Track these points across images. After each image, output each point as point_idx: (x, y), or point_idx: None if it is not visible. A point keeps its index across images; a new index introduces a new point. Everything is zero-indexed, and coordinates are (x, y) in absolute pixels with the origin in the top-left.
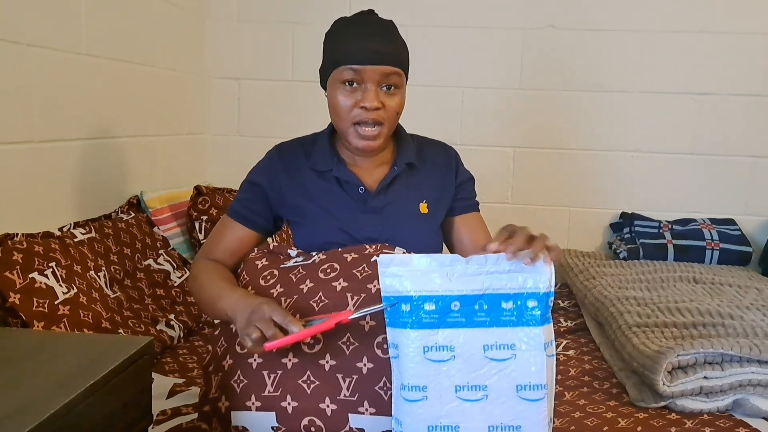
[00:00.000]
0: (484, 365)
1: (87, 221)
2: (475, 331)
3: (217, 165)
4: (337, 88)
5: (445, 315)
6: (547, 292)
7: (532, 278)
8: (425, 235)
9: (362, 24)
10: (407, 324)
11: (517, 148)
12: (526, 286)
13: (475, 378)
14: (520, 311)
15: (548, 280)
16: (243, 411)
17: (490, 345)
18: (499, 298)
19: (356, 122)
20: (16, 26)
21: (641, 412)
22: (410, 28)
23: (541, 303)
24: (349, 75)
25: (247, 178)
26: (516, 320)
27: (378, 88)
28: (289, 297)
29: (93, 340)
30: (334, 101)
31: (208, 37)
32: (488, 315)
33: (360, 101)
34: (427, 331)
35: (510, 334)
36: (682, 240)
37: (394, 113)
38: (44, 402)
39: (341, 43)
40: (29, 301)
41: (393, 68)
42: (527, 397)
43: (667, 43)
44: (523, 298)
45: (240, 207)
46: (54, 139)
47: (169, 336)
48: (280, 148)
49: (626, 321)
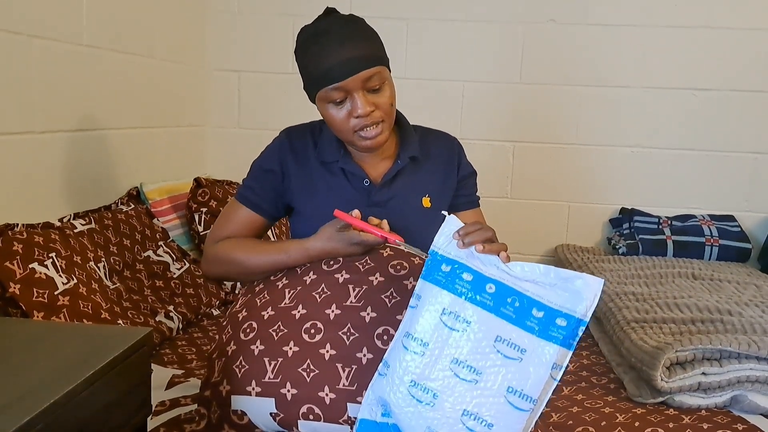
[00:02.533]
0: (489, 353)
1: (87, 212)
2: (497, 319)
3: (217, 157)
4: (327, 106)
5: (477, 291)
6: (581, 320)
7: (572, 300)
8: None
9: (326, 34)
10: (440, 282)
11: (517, 142)
12: (563, 305)
13: (475, 360)
14: (546, 324)
15: (586, 308)
16: (243, 396)
17: (503, 338)
18: (533, 303)
19: (356, 130)
20: (19, 17)
21: (639, 407)
22: (411, 22)
23: (570, 326)
24: (335, 95)
25: (257, 162)
26: (538, 330)
27: (364, 92)
28: (293, 288)
29: (92, 331)
30: (328, 118)
31: (209, 29)
32: (515, 312)
33: (352, 112)
34: (455, 296)
35: (526, 338)
36: (681, 236)
37: (389, 107)
38: (44, 392)
39: (314, 62)
40: (29, 292)
41: (371, 70)
42: (513, 402)
43: (668, 38)
44: (555, 314)
45: (249, 192)
46: (54, 129)
47: (168, 327)
48: (290, 133)
49: (625, 316)
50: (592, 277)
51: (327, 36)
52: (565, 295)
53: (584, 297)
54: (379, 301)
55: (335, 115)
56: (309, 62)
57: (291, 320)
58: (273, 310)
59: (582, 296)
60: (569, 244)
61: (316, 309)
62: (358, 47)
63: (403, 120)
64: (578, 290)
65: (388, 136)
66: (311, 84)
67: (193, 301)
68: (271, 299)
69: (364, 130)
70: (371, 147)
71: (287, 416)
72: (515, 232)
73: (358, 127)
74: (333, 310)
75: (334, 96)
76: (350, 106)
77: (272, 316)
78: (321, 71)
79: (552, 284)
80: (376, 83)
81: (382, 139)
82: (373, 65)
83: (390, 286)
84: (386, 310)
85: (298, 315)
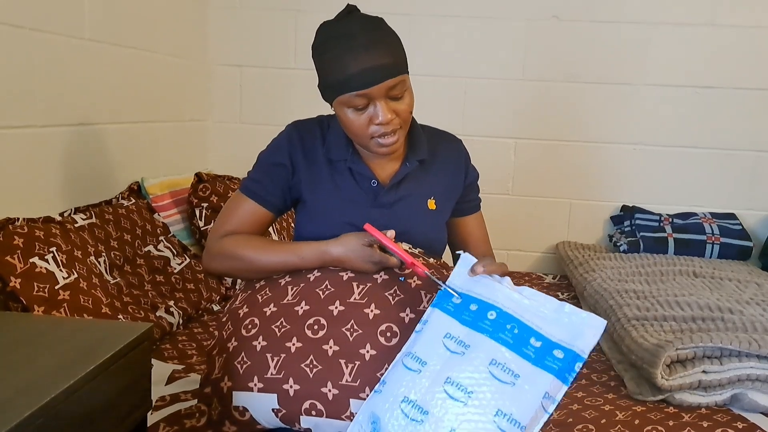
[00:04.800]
0: (483, 375)
1: (87, 207)
2: (494, 343)
3: (219, 152)
4: (347, 111)
5: (479, 319)
6: (579, 355)
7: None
8: (432, 230)
9: (351, 35)
10: (448, 311)
11: (519, 139)
12: (562, 339)
13: (468, 381)
14: (543, 353)
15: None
16: (245, 392)
17: (498, 362)
18: (532, 333)
19: (374, 137)
20: (20, 10)
21: (639, 405)
22: (414, 18)
23: (567, 359)
24: (358, 101)
25: (264, 155)
26: (534, 358)
27: (387, 100)
28: (296, 285)
29: (93, 326)
30: (347, 122)
31: (211, 23)
32: (513, 338)
33: (373, 119)
34: (460, 324)
35: (521, 364)
36: (682, 234)
37: (408, 114)
38: (44, 386)
39: (338, 66)
40: (30, 286)
41: (396, 79)
42: (501, 426)
43: (671, 35)
44: (553, 345)
45: (256, 185)
46: (55, 123)
47: (168, 322)
48: (298, 127)
49: (625, 314)
50: (595, 317)
51: (352, 39)
52: (565, 329)
53: (584, 334)
54: (383, 298)
55: (354, 120)
56: (331, 64)
57: (294, 316)
58: (275, 306)
59: (582, 333)
60: (570, 242)
61: (319, 305)
62: (384, 55)
63: (412, 122)
64: (579, 327)
65: (403, 143)
66: (332, 87)
67: (194, 297)
68: (273, 295)
69: (382, 137)
70: (386, 153)
71: (289, 412)
72: (517, 229)
73: (377, 134)
74: (337, 307)
75: (357, 102)
76: (371, 112)
77: (275, 312)
78: (345, 76)
79: (554, 318)
80: (398, 92)
81: (398, 146)
82: (398, 74)
83: (394, 284)
84: (390, 307)
85: (301, 311)
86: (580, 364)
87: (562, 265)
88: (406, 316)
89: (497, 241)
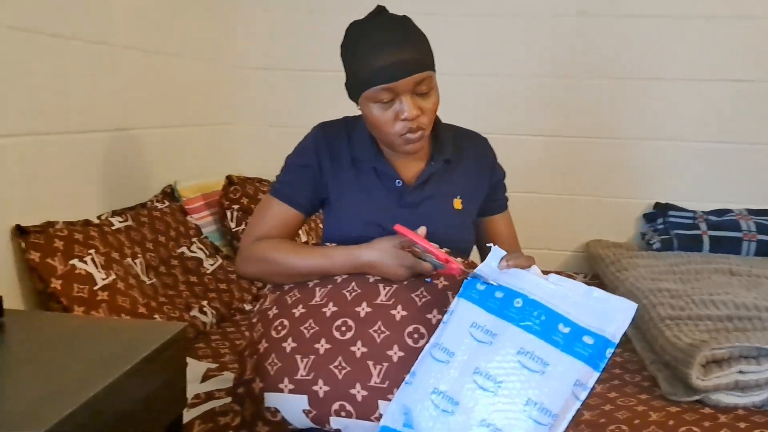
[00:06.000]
0: (511, 364)
1: (124, 210)
2: (522, 332)
3: (247, 154)
4: (372, 106)
5: (505, 307)
6: (609, 340)
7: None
8: (458, 230)
9: (380, 32)
10: (473, 299)
11: (547, 137)
12: (591, 324)
13: (497, 371)
14: (572, 339)
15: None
16: (276, 393)
17: (526, 350)
18: (560, 319)
19: (401, 134)
20: (56, 20)
21: (673, 405)
22: (437, 17)
23: (597, 345)
24: (384, 95)
25: (292, 158)
26: (563, 344)
27: (413, 96)
28: (323, 287)
29: (130, 326)
30: (372, 118)
31: (239, 27)
32: (541, 326)
33: (399, 114)
34: (485, 312)
35: (550, 352)
36: (717, 231)
37: (433, 112)
38: (84, 385)
39: (366, 61)
40: (70, 287)
41: (423, 74)
42: (532, 415)
43: (701, 28)
44: (582, 331)
45: (285, 187)
46: (91, 129)
47: (202, 322)
48: (324, 128)
49: (659, 313)
50: (625, 301)
51: (381, 35)
52: (595, 314)
53: (615, 319)
54: (410, 299)
55: (380, 116)
56: (359, 59)
57: (322, 318)
58: (304, 308)
59: (612, 318)
60: (601, 240)
61: (346, 307)
62: (411, 50)
63: (437, 121)
64: (609, 311)
65: (427, 142)
66: (358, 82)
67: (226, 297)
68: (301, 297)
69: (408, 133)
70: (411, 152)
71: (319, 413)
72: (546, 228)
73: (403, 130)
74: (363, 308)
75: (383, 96)
76: (397, 108)
77: (303, 313)
78: (372, 70)
79: (583, 304)
80: (425, 88)
81: (422, 145)
82: (424, 69)
83: (420, 285)
84: (416, 308)
85: (329, 312)
86: (612, 350)
87: (592, 264)
88: (433, 317)
89: (526, 240)
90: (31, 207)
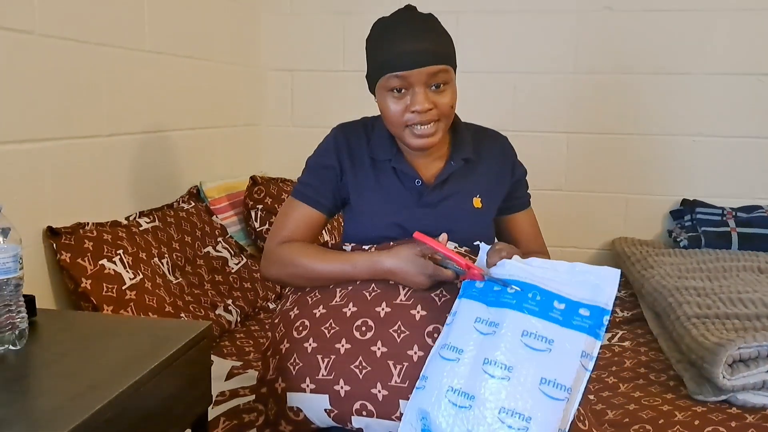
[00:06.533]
0: (518, 348)
1: (151, 210)
2: (522, 315)
3: (272, 155)
4: (386, 95)
5: (502, 296)
6: (604, 309)
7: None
8: (478, 229)
9: (401, 24)
10: (473, 296)
11: (572, 133)
12: (584, 297)
13: (506, 357)
14: (569, 314)
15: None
16: (298, 393)
17: (530, 332)
18: (554, 297)
19: (408, 125)
20: (85, 26)
21: (699, 405)
22: (462, 15)
23: (593, 315)
24: (396, 82)
25: (313, 159)
26: (562, 320)
27: (426, 88)
28: (344, 288)
29: (157, 324)
30: (384, 108)
31: (263, 30)
32: (538, 305)
33: (410, 106)
34: (485, 306)
35: (552, 329)
36: (746, 228)
37: (448, 109)
38: (113, 382)
39: (383, 50)
40: (99, 287)
41: (439, 66)
42: (548, 393)
43: (730, 21)
44: (577, 305)
45: (307, 189)
46: (120, 132)
47: (227, 320)
48: (344, 129)
49: (685, 312)
50: (608, 269)
51: (401, 27)
52: (583, 287)
53: (602, 288)
54: (429, 299)
55: (391, 106)
56: (378, 48)
57: (342, 318)
58: (324, 308)
59: (601, 288)
60: (627, 237)
61: (366, 307)
62: (430, 44)
63: (456, 120)
64: (596, 283)
65: (440, 138)
66: (375, 69)
67: (250, 295)
68: (322, 297)
69: (417, 126)
70: (422, 146)
71: (341, 412)
72: (571, 226)
73: (411, 122)
74: (383, 308)
75: (394, 83)
76: (409, 99)
77: (324, 314)
78: (388, 57)
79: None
80: (440, 81)
81: (435, 140)
82: (441, 62)
83: (440, 285)
84: (436, 308)
85: (349, 312)
86: (608, 317)
87: (618, 262)
88: None
89: (551, 238)
90: (62, 209)
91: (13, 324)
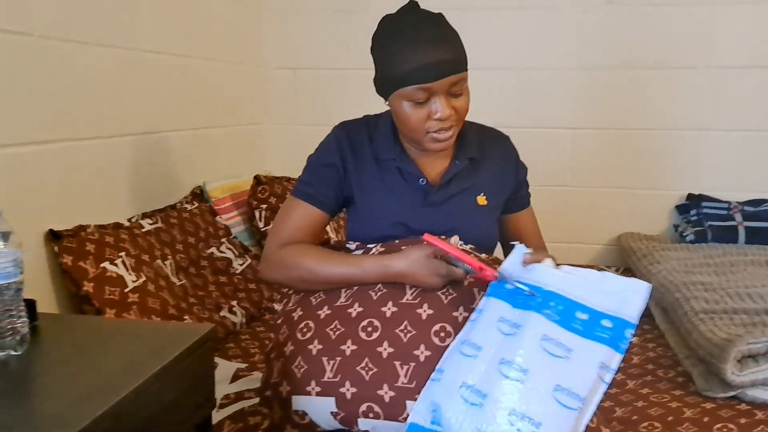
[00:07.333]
0: (536, 352)
1: (153, 212)
2: (544, 320)
3: (276, 154)
4: (405, 104)
5: (528, 299)
6: (628, 322)
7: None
8: (483, 227)
9: (415, 29)
10: (501, 296)
11: (576, 129)
12: (608, 308)
13: (523, 360)
14: (591, 325)
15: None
16: (303, 396)
17: (550, 337)
18: (577, 307)
19: (429, 132)
20: (84, 27)
21: (708, 402)
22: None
23: (616, 328)
24: (419, 95)
25: (314, 158)
26: (583, 331)
27: (447, 96)
28: (349, 288)
29: (159, 328)
30: (403, 116)
31: (265, 28)
32: (559, 315)
33: (433, 114)
34: (511, 307)
35: (573, 340)
36: (753, 222)
37: (465, 112)
38: (115, 386)
39: (402, 58)
40: (101, 290)
41: (459, 75)
42: (561, 401)
43: (734, 14)
44: (600, 316)
45: (308, 187)
46: (121, 134)
47: (231, 322)
48: (346, 127)
49: (693, 307)
50: (638, 281)
51: (416, 32)
52: (609, 298)
53: (629, 300)
54: (435, 297)
55: (412, 115)
56: (393, 57)
57: (348, 318)
58: (329, 309)
59: (627, 299)
60: (633, 233)
61: (372, 307)
62: (449, 50)
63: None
64: (624, 295)
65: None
66: (392, 80)
67: (255, 296)
68: (326, 298)
69: (438, 132)
70: (440, 149)
71: (347, 415)
72: (577, 221)
73: (433, 129)
74: (389, 308)
75: (418, 96)
76: (431, 108)
77: (329, 315)
78: (408, 69)
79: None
80: (459, 89)
81: (452, 142)
82: (461, 70)
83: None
84: (442, 306)
85: (355, 313)
86: (631, 331)
87: (624, 257)
88: (459, 315)
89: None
90: (64, 211)
91: (14, 329)
